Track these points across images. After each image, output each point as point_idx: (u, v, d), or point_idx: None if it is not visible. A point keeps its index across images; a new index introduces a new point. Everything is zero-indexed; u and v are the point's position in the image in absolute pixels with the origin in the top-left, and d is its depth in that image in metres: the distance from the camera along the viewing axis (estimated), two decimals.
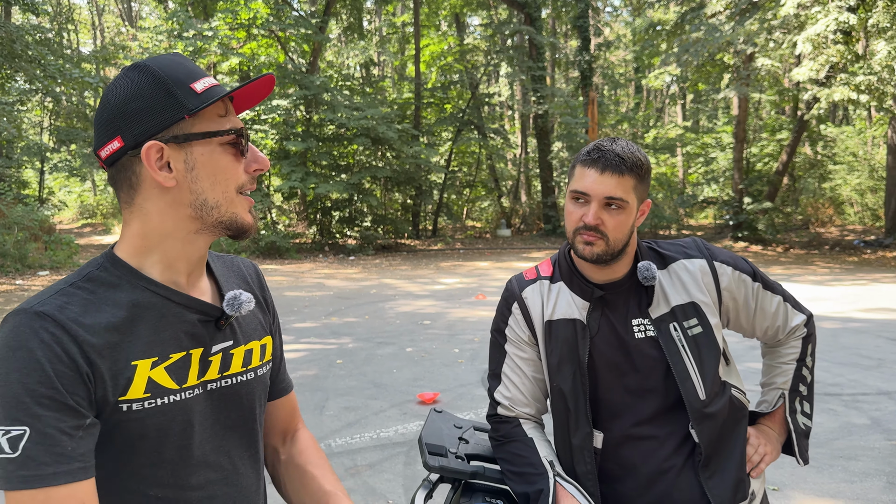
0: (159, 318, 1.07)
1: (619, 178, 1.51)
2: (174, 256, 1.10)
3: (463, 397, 5.93)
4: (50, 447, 0.93)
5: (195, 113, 1.04)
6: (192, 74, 1.07)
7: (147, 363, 1.03)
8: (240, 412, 1.17)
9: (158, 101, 1.04)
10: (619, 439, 1.57)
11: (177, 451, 1.06)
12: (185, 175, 1.06)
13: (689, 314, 1.57)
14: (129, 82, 1.05)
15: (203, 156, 1.06)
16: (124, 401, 1.01)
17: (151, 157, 1.04)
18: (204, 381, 1.11)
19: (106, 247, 23.10)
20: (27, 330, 0.96)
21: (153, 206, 1.07)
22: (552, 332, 1.61)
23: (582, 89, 25.73)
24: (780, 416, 1.71)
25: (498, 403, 1.67)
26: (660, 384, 1.55)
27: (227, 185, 1.08)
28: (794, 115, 25.85)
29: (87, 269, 1.09)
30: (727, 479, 1.54)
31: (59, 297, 1.01)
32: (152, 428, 1.03)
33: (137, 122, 1.04)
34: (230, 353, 1.15)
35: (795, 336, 1.70)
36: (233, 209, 1.09)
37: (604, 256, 1.53)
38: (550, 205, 25.07)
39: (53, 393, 0.94)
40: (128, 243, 1.10)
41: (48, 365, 0.95)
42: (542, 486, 1.50)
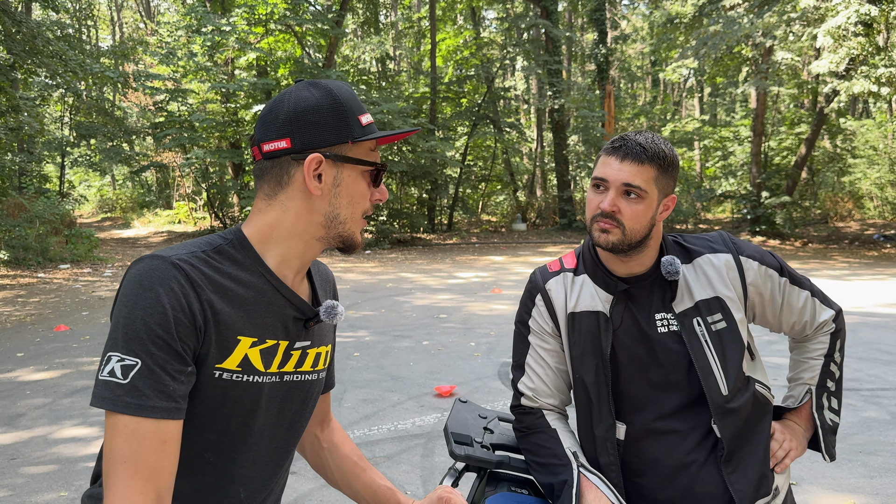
0: (268, 304, 1.18)
1: (639, 167, 1.52)
2: (292, 254, 1.22)
3: (479, 390, 5.96)
4: (155, 383, 1.03)
5: (358, 141, 1.19)
6: (360, 108, 1.22)
7: (248, 341, 1.15)
8: (299, 407, 1.28)
9: (333, 122, 1.18)
10: (641, 432, 1.59)
11: (240, 427, 1.17)
12: (330, 189, 1.19)
13: (714, 309, 1.57)
14: (311, 96, 1.18)
15: (349, 178, 1.20)
16: (220, 368, 1.11)
17: (311, 166, 1.17)
18: (281, 372, 1.21)
19: (126, 241, 23.37)
20: (160, 275, 1.07)
21: (294, 206, 1.19)
22: (575, 324, 1.63)
23: (598, 83, 25.60)
24: (807, 412, 1.70)
25: (521, 394, 1.69)
26: (682, 378, 1.56)
27: (356, 207, 1.22)
28: (812, 108, 25.57)
29: (217, 240, 1.19)
30: (750, 474, 1.55)
31: (192, 258, 1.12)
32: (231, 399, 1.13)
33: (310, 132, 1.17)
34: (306, 353, 1.26)
35: (823, 331, 1.69)
36: (354, 227, 1.23)
37: (619, 246, 1.54)
38: (566, 199, 24.98)
39: (168, 337, 1.05)
40: (257, 229, 1.21)
41: (170, 311, 1.05)
42: (566, 477, 1.52)
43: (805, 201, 25.52)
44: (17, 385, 6.39)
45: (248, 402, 1.15)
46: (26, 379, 6.60)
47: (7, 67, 14.94)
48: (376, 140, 1.24)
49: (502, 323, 8.99)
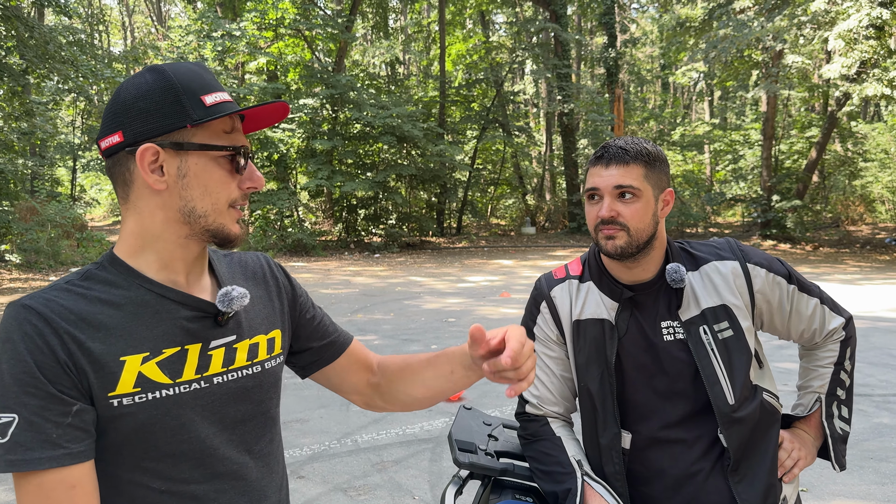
0: (153, 314, 1.08)
1: (625, 168, 1.53)
2: (168, 257, 1.12)
3: (488, 395, 5.95)
4: (36, 434, 0.97)
5: (198, 124, 1.07)
6: (207, 87, 1.09)
7: (137, 358, 1.05)
8: (249, 405, 1.17)
9: (165, 106, 1.06)
10: (646, 441, 1.58)
11: (176, 445, 1.07)
12: (176, 181, 1.08)
13: (720, 317, 1.56)
14: (143, 81, 1.08)
15: (197, 166, 1.08)
16: (114, 396, 1.03)
17: (146, 158, 1.06)
18: (208, 376, 1.12)
19: None
20: (13, 322, 1.01)
21: (145, 205, 1.10)
22: (580, 331, 1.62)
23: (608, 86, 25.56)
24: (817, 421, 1.69)
25: (526, 402, 1.68)
26: (688, 387, 1.55)
27: (217, 198, 1.10)
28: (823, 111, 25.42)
29: (87, 267, 1.12)
30: (757, 484, 1.54)
31: (50, 292, 1.05)
32: (146, 422, 1.05)
33: (141, 121, 1.06)
34: (233, 348, 1.16)
35: (833, 339, 1.68)
36: (220, 220, 1.11)
37: (628, 249, 1.53)
38: (575, 202, 24.94)
39: (37, 382, 0.98)
40: (125, 242, 1.12)
41: (29, 356, 0.98)
42: (570, 486, 1.51)
43: (816, 205, 25.35)
44: None
45: (168, 419, 1.06)
46: None
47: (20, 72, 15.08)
48: (235, 122, 1.12)
49: None
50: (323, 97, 20.72)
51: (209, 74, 1.12)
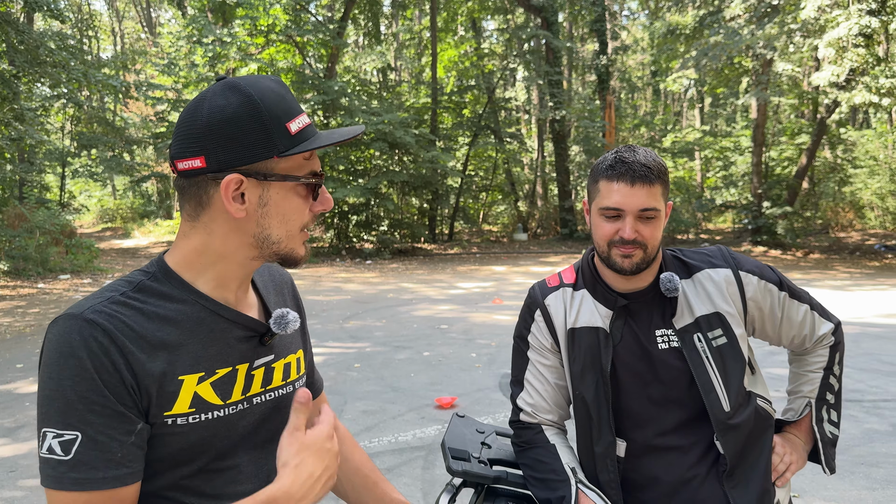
0: (208, 332, 1.08)
1: (651, 188, 1.51)
2: (228, 276, 1.12)
3: (480, 402, 5.93)
4: (101, 452, 0.97)
5: (284, 156, 1.05)
6: (290, 111, 1.07)
7: (194, 378, 1.05)
8: (280, 424, 1.18)
9: (252, 135, 1.03)
10: (642, 449, 1.58)
11: (217, 463, 1.09)
12: (256, 209, 1.07)
13: (714, 325, 1.56)
14: (227, 104, 1.04)
15: (278, 195, 1.08)
16: (170, 415, 1.03)
17: (230, 188, 1.05)
18: (249, 396, 1.13)
19: (126, 251, 23.37)
20: (77, 337, 0.98)
21: (219, 228, 1.09)
22: (575, 339, 1.62)
23: (599, 93, 25.66)
24: (807, 425, 1.69)
25: (520, 410, 1.68)
26: (683, 395, 1.55)
27: (293, 225, 1.10)
28: (813, 118, 25.61)
29: (137, 277, 1.09)
30: (752, 489, 1.54)
31: (110, 306, 1.02)
32: (196, 442, 1.06)
33: (226, 148, 1.04)
34: (272, 368, 1.17)
35: (823, 345, 1.69)
36: (292, 244, 1.12)
37: (642, 266, 1.54)
38: (567, 209, 24.99)
39: (104, 401, 0.98)
40: (183, 256, 1.11)
41: (96, 374, 0.98)
42: (563, 493, 1.51)
43: (806, 211, 25.51)
44: (17, 397, 6.37)
45: (216, 440, 1.08)
46: (26, 391, 6.58)
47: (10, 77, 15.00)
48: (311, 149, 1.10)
49: (503, 334, 8.97)
50: (315, 103, 20.71)
51: (289, 94, 1.10)
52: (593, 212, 1.60)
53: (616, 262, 1.54)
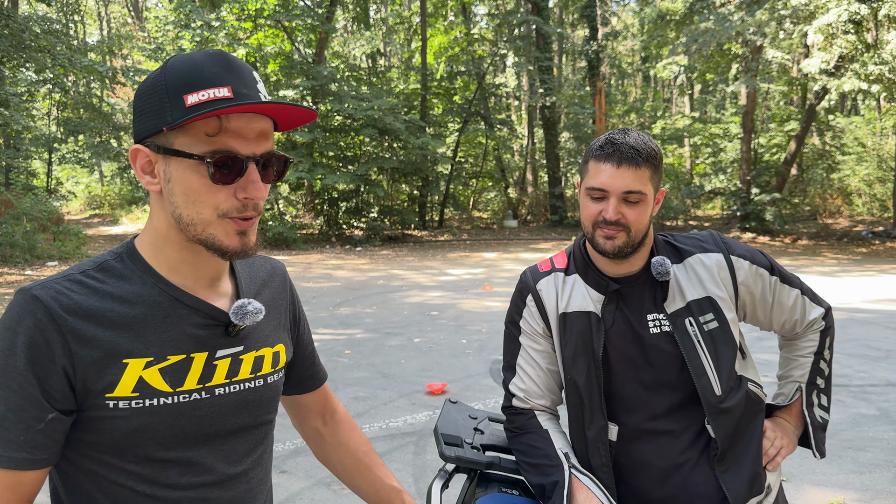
0: (164, 317, 1.05)
1: (636, 171, 1.50)
2: (176, 260, 1.07)
3: (471, 388, 5.95)
4: (4, 432, 0.96)
5: (173, 127, 0.97)
6: (199, 83, 0.99)
7: (140, 363, 1.02)
8: (246, 419, 1.14)
9: (152, 106, 1.01)
10: (633, 433, 1.58)
11: (166, 452, 1.05)
12: (164, 185, 1.03)
13: (705, 309, 1.56)
14: (149, 77, 1.04)
15: (178, 171, 1.01)
16: (111, 398, 1.00)
17: (138, 159, 1.03)
18: (210, 386, 1.08)
19: (114, 238, 23.22)
20: (20, 311, 0.98)
21: (154, 203, 1.07)
22: (567, 324, 1.61)
23: (589, 79, 25.62)
24: (797, 409, 1.70)
25: (513, 395, 1.67)
26: (675, 379, 1.55)
27: (200, 208, 1.01)
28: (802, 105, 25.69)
29: (103, 257, 1.08)
30: (743, 473, 1.55)
31: (63, 283, 1.01)
32: (139, 427, 1.02)
33: (138, 120, 1.03)
34: (239, 359, 1.12)
35: (813, 329, 1.69)
36: (210, 230, 1.02)
37: (625, 249, 1.53)
38: (558, 195, 25.00)
39: (23, 380, 0.96)
40: (145, 237, 1.09)
41: (26, 352, 0.96)
42: (557, 478, 1.50)
43: (794, 198, 25.65)
44: None
45: (163, 427, 1.03)
46: None
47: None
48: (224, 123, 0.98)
49: (494, 320, 8.99)
50: (303, 89, 20.57)
51: (217, 66, 1.01)
52: (581, 192, 1.59)
53: (599, 243, 1.54)
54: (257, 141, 1.02)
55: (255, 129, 1.02)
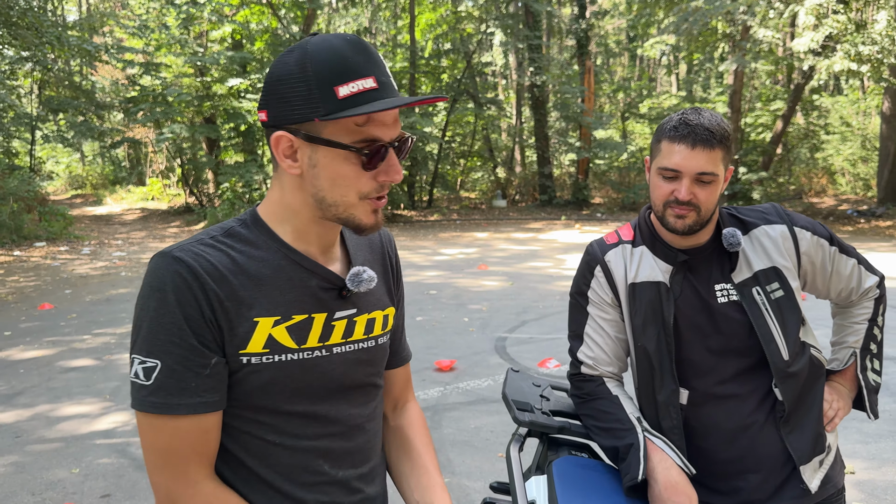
0: (287, 280, 1.12)
1: (710, 153, 1.53)
2: (304, 230, 1.15)
3: (479, 364, 6.02)
4: (177, 381, 1.03)
5: (326, 119, 1.02)
6: (347, 73, 1.03)
7: (269, 321, 1.09)
8: (360, 376, 1.21)
9: (298, 95, 1.04)
10: (702, 397, 1.64)
11: (293, 405, 1.12)
12: (308, 170, 1.08)
13: (771, 278, 1.62)
14: (287, 61, 1.05)
15: (326, 159, 1.06)
16: (244, 353, 1.07)
17: (281, 144, 1.07)
18: (328, 345, 1.16)
19: (100, 218, 22.97)
20: (164, 272, 1.04)
21: (287, 182, 1.12)
22: (636, 294, 1.66)
23: (578, 58, 25.56)
24: (852, 374, 1.78)
25: (581, 363, 1.73)
26: (742, 345, 1.61)
27: (346, 191, 1.08)
28: (787, 84, 25.85)
29: (229, 224, 1.14)
30: (807, 433, 1.62)
31: (197, 246, 1.08)
32: (270, 381, 1.09)
33: (279, 105, 1.06)
34: (353, 321, 1.19)
35: (868, 297, 1.76)
36: (350, 211, 1.10)
37: (695, 227, 1.57)
38: (547, 175, 25.03)
39: (182, 334, 1.03)
40: (269, 207, 1.15)
41: (179, 308, 1.03)
42: (631, 441, 1.56)
43: (780, 177, 25.89)
44: (10, 364, 6.31)
45: (290, 381, 1.11)
46: (18, 357, 6.52)
47: None
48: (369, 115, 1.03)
49: (493, 298, 9.06)
50: None
51: (359, 56, 1.05)
52: (652, 171, 1.63)
53: (669, 221, 1.58)
54: (394, 126, 1.09)
55: (393, 115, 1.09)
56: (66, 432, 4.63)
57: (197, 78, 21.97)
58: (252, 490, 1.12)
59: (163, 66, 22.20)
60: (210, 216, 20.44)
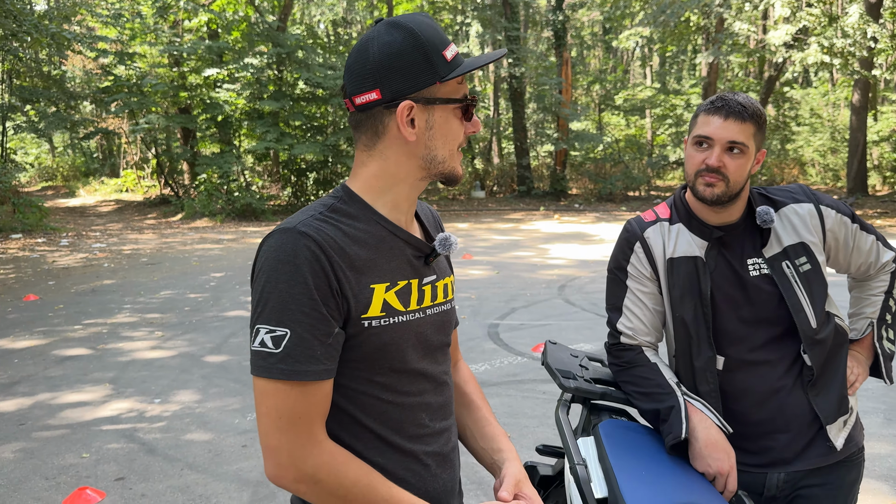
0: (389, 249, 1.22)
1: (742, 125, 1.67)
2: (401, 199, 1.25)
3: (474, 350, 6.13)
4: (305, 349, 1.10)
5: (445, 80, 1.18)
6: (444, 41, 1.20)
7: (382, 287, 1.19)
8: (444, 335, 1.33)
9: (417, 64, 1.17)
10: (736, 363, 1.76)
11: (402, 363, 1.22)
12: (424, 132, 1.20)
13: (800, 253, 1.75)
14: (393, 40, 1.17)
15: (441, 118, 1.21)
16: (366, 318, 1.16)
17: (404, 114, 1.18)
18: (423, 308, 1.26)
19: (74, 210, 22.64)
20: (292, 246, 1.11)
21: (393, 153, 1.22)
22: (674, 268, 1.78)
23: (555, 50, 25.71)
24: (869, 342, 1.91)
25: (620, 333, 1.84)
26: (773, 315, 1.74)
27: (452, 144, 1.24)
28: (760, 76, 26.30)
29: (328, 200, 1.23)
30: (832, 396, 1.75)
31: (314, 221, 1.16)
32: (387, 342, 1.19)
33: (397, 80, 1.17)
34: (435, 286, 1.30)
35: (885, 271, 1.90)
36: (453, 163, 1.25)
37: (723, 198, 1.69)
38: (525, 166, 25.21)
39: (312, 304, 1.10)
40: (363, 182, 1.24)
41: (310, 278, 1.10)
42: (672, 403, 1.68)
43: None
44: (3, 353, 6.28)
45: (401, 341, 1.21)
46: (10, 347, 6.49)
47: None
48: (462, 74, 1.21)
49: (480, 287, 9.18)
50: (269, 56, 20.22)
51: (439, 27, 1.22)
52: (688, 143, 1.76)
53: (699, 190, 1.71)
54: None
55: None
56: (70, 419, 4.65)
57: (172, 68, 21.74)
58: (366, 446, 1.21)
59: (137, 55, 21.91)
60: (187, 208, 20.27)
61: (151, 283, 9.90)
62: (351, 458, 1.15)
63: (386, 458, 1.22)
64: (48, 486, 3.69)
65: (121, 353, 6.27)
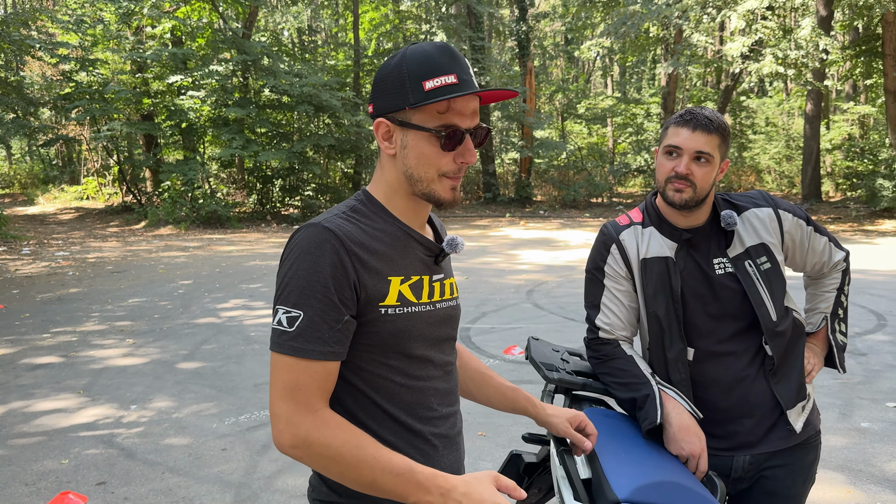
0: (403, 247, 1.37)
1: (708, 136, 1.84)
2: (406, 207, 1.39)
3: None
4: (314, 331, 1.24)
5: (415, 107, 1.28)
6: (434, 71, 1.28)
7: (398, 279, 1.33)
8: (450, 328, 1.46)
9: (395, 88, 1.30)
10: (704, 355, 1.92)
11: (415, 349, 1.35)
12: (400, 150, 1.34)
13: (760, 253, 1.92)
14: (389, 62, 1.32)
15: (413, 140, 1.32)
16: (382, 305, 1.30)
17: (380, 129, 1.34)
18: (434, 301, 1.40)
19: (33, 218, 22.20)
20: (317, 239, 1.26)
21: (388, 164, 1.38)
22: (647, 268, 1.94)
23: (519, 59, 26.07)
24: (823, 335, 2.10)
25: (598, 328, 1.99)
26: (737, 310, 1.90)
27: (428, 169, 1.32)
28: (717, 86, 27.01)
29: (351, 202, 1.39)
30: (792, 383, 1.92)
31: (337, 219, 1.31)
32: (401, 328, 1.32)
33: (381, 98, 1.33)
34: (444, 284, 1.44)
35: (837, 269, 2.09)
36: (433, 186, 1.34)
37: (690, 203, 1.86)
38: (491, 173, 25.46)
39: (326, 291, 1.24)
40: (379, 187, 1.40)
41: (328, 269, 1.24)
42: (647, 392, 1.83)
43: None
44: None
45: (413, 329, 1.33)
46: None
47: None
48: (452, 103, 1.28)
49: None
50: (234, 64, 20.13)
51: (446, 58, 1.30)
52: (659, 152, 1.92)
53: (669, 195, 1.87)
54: (472, 116, 1.34)
55: (471, 107, 1.34)
56: (46, 426, 4.65)
57: (136, 74, 21.48)
58: (381, 425, 1.34)
59: (99, 62, 21.61)
60: (151, 215, 20.01)
61: (118, 291, 9.82)
62: (343, 423, 1.26)
63: (398, 436, 1.35)
64: (29, 492, 3.70)
65: (93, 360, 6.25)
